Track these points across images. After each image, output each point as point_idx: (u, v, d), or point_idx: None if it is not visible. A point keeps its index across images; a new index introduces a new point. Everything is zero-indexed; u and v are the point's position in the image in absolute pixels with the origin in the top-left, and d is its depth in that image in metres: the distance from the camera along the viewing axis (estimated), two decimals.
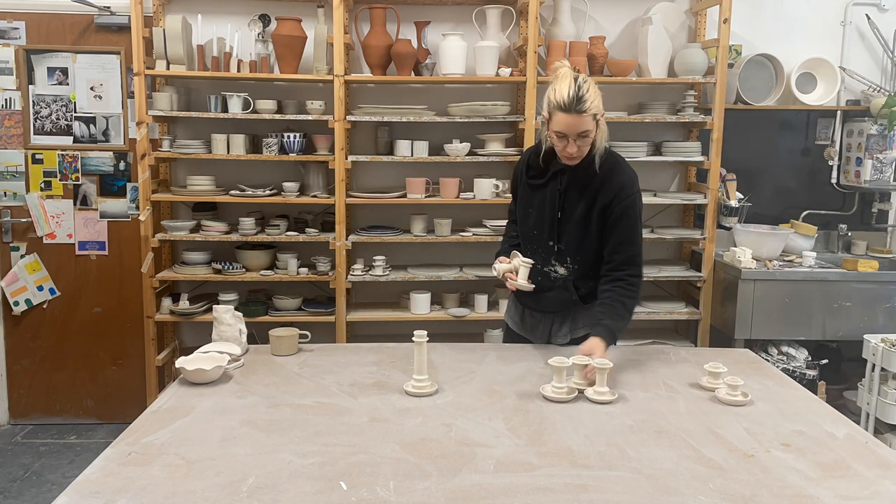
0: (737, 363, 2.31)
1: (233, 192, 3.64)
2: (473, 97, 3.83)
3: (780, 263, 3.60)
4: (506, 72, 3.57)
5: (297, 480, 1.50)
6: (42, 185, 3.91)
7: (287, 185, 3.63)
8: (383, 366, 2.24)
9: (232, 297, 3.65)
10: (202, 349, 2.24)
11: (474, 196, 3.61)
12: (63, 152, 3.89)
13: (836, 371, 3.75)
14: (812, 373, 3.47)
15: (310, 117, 3.56)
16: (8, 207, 3.92)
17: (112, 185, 3.94)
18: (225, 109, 3.57)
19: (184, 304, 3.63)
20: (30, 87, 3.84)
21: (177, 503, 1.41)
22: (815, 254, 3.67)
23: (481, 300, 3.68)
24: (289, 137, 3.57)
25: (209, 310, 3.63)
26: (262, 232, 3.67)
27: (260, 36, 3.62)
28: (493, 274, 2.38)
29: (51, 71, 3.83)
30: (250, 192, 3.62)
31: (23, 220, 3.92)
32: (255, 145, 3.72)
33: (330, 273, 3.65)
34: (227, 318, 2.31)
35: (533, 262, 2.28)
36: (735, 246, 3.65)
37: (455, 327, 3.85)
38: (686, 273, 3.76)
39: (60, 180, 3.91)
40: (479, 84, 3.83)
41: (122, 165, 3.93)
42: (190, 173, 3.71)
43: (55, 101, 3.86)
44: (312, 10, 3.67)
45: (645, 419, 1.84)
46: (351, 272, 3.65)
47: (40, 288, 3.97)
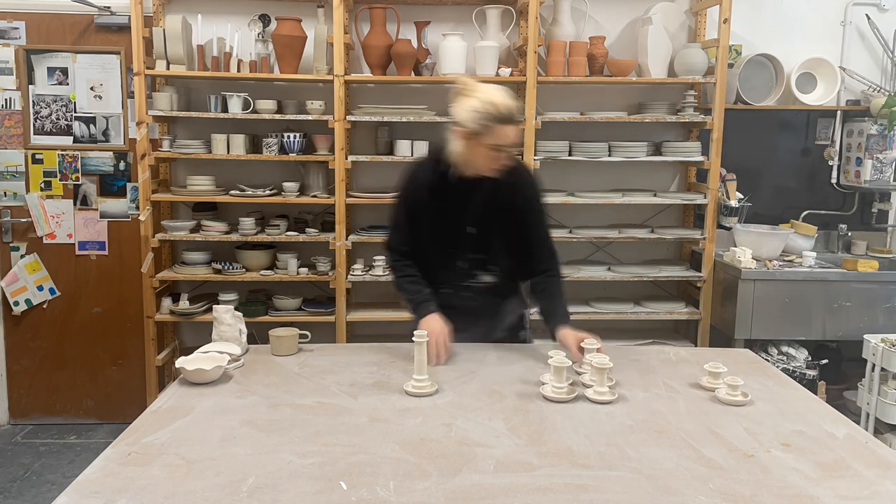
0: (737, 363, 2.31)
1: (233, 192, 3.64)
2: None
3: (780, 263, 3.60)
4: (506, 72, 3.57)
5: (297, 480, 1.50)
6: (42, 185, 3.91)
7: (287, 185, 3.63)
8: (383, 366, 2.23)
9: (232, 297, 3.65)
10: (202, 349, 2.24)
11: None
12: (63, 152, 3.89)
13: (836, 371, 3.75)
14: (812, 373, 3.47)
15: (310, 117, 3.56)
16: (8, 207, 3.92)
17: (112, 185, 3.94)
18: (225, 109, 3.57)
19: (184, 304, 3.63)
20: (30, 87, 3.84)
21: (177, 503, 1.41)
22: (815, 254, 3.67)
23: None
24: (289, 137, 3.57)
25: (209, 310, 3.63)
26: (262, 232, 3.67)
27: (260, 36, 3.62)
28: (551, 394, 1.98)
29: (51, 71, 3.84)
30: (250, 192, 3.62)
31: (23, 220, 3.92)
32: (255, 145, 3.72)
33: (330, 273, 3.65)
34: (227, 318, 2.31)
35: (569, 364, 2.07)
36: (735, 246, 3.65)
37: None
38: (686, 273, 3.76)
39: (60, 180, 3.91)
40: None
41: (122, 165, 3.93)
42: (190, 173, 3.72)
43: (55, 101, 3.86)
44: (312, 10, 3.67)
45: (645, 419, 1.84)
46: (351, 272, 3.65)
47: (40, 288, 3.97)
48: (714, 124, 3.59)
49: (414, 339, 2.00)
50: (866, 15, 3.94)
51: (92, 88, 3.86)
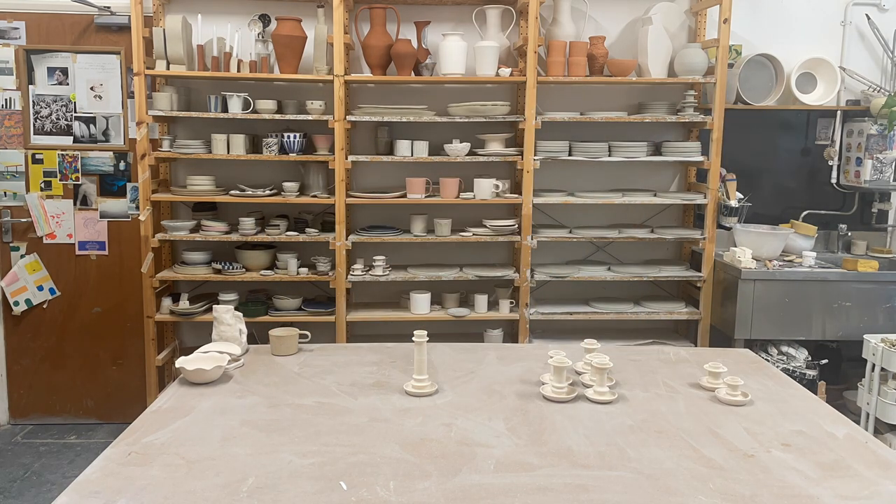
0: (737, 363, 2.31)
1: (233, 192, 3.64)
2: (473, 97, 3.83)
3: (780, 263, 3.60)
4: (506, 72, 3.57)
5: (297, 480, 1.50)
6: (42, 185, 3.91)
7: (287, 185, 3.63)
8: (383, 366, 2.24)
9: (232, 297, 3.65)
10: (202, 349, 2.25)
11: (474, 196, 3.61)
12: (63, 152, 3.89)
13: (836, 371, 3.75)
14: (812, 373, 3.47)
15: (310, 117, 3.56)
16: (8, 207, 3.92)
17: (112, 185, 3.94)
18: (225, 109, 3.57)
19: (184, 304, 3.63)
20: (30, 87, 3.84)
21: (177, 503, 1.41)
22: (814, 254, 3.67)
23: (481, 300, 3.68)
24: (289, 137, 3.57)
25: (209, 310, 3.63)
26: (262, 232, 3.67)
27: (260, 36, 3.62)
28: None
29: (51, 71, 3.84)
30: (250, 192, 3.62)
31: (23, 220, 3.92)
32: (255, 145, 3.72)
33: (330, 273, 3.65)
34: (227, 318, 2.31)
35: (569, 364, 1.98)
36: (735, 246, 3.65)
37: (455, 327, 3.85)
38: (686, 273, 3.76)
39: (60, 180, 3.91)
40: (478, 84, 3.83)
41: (122, 165, 3.93)
42: (190, 173, 3.71)
43: (55, 101, 3.86)
44: (312, 10, 3.67)
45: (645, 419, 1.84)
46: (351, 272, 3.65)
47: (40, 288, 3.97)
48: (714, 124, 3.59)
49: (414, 339, 2.00)
50: (866, 15, 3.94)
51: (92, 88, 3.86)
